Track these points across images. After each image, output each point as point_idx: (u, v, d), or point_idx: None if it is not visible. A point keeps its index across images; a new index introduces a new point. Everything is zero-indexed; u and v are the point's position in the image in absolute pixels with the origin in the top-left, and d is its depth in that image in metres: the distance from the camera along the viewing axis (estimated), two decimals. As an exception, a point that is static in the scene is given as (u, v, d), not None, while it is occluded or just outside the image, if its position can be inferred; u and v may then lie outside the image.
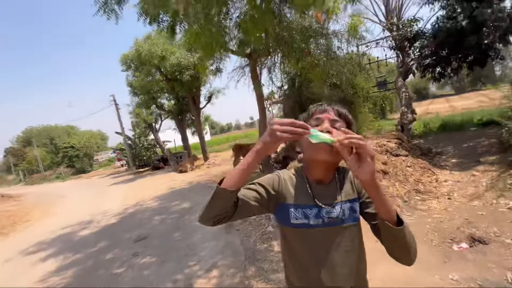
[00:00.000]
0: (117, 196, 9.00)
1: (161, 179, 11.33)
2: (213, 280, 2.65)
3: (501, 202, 3.22)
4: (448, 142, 7.29)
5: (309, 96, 8.88)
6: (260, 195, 0.81)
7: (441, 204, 3.51)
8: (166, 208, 5.96)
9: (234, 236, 3.72)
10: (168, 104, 16.80)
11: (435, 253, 2.50)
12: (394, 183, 4.12)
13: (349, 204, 0.81)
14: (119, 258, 3.63)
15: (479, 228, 2.75)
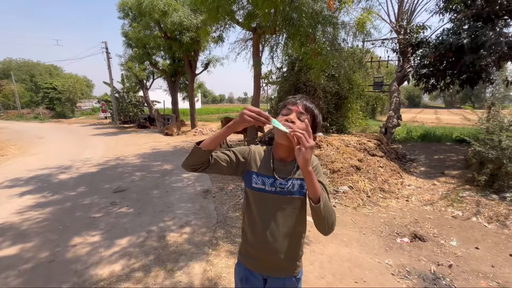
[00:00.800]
0: (98, 146, 8.98)
1: (146, 138, 11.32)
2: (185, 236, 2.93)
3: (449, 211, 3.67)
4: (423, 152, 7.79)
5: (305, 83, 9.00)
6: (230, 158, 1.04)
7: (398, 204, 3.93)
8: (147, 167, 6.11)
9: (209, 201, 3.99)
10: (163, 63, 16.20)
11: (381, 242, 2.89)
12: (364, 179, 4.48)
13: (299, 182, 1.01)
14: (97, 204, 3.82)
15: (423, 228, 3.18)
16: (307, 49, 6.46)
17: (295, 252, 1.07)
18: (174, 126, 12.79)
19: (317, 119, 1.01)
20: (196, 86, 17.46)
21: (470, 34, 6.26)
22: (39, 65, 38.16)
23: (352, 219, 3.43)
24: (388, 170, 5.13)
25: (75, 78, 29.87)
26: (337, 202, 3.94)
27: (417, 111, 35.44)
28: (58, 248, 2.66)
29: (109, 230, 3.04)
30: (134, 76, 15.98)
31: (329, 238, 2.94)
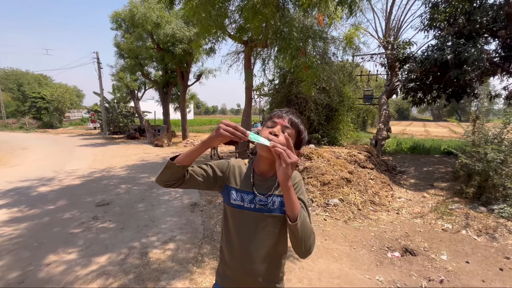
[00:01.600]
0: (84, 157, 8.75)
1: (135, 149, 11.13)
2: (168, 252, 2.80)
3: (438, 223, 3.67)
4: (413, 164, 7.90)
5: (297, 95, 9.13)
6: (207, 173, 1.00)
7: (389, 217, 3.91)
8: (134, 179, 5.95)
9: (196, 215, 3.87)
10: (155, 74, 16.27)
11: (371, 257, 2.83)
12: (354, 191, 4.46)
13: (280, 199, 0.96)
14: (77, 219, 3.65)
15: (413, 242, 3.14)
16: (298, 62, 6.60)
17: (275, 274, 1.01)
18: (165, 137, 12.64)
19: (302, 135, 0.98)
20: (189, 97, 17.48)
21: (454, 50, 6.53)
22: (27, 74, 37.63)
23: (343, 233, 3.37)
24: (378, 182, 5.14)
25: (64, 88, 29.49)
26: (328, 215, 3.89)
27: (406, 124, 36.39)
28: (30, 267, 2.49)
29: (88, 247, 2.88)
30: (125, 87, 15.90)
31: (319, 253, 2.86)
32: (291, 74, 9.19)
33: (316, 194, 4.39)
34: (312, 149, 5.88)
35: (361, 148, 6.76)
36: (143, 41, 12.07)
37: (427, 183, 5.63)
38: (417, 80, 8.25)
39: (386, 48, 9.54)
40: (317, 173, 4.77)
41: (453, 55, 6.44)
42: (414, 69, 8.09)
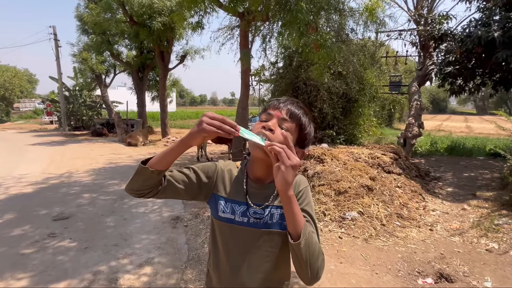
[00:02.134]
0: (38, 159, 8.76)
1: (102, 149, 11.14)
2: (144, 278, 2.82)
3: (482, 242, 3.70)
4: (450, 168, 7.94)
5: (306, 81, 9.15)
6: (189, 179, 0.99)
7: (420, 234, 3.94)
8: (101, 186, 5.97)
9: (179, 232, 3.89)
10: (128, 54, 16.25)
11: (398, 284, 2.86)
12: (377, 202, 4.49)
13: (280, 211, 0.95)
14: (29, 237, 3.66)
15: (450, 265, 3.17)
16: (308, 40, 6.60)
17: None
18: (140, 134, 12.65)
19: (306, 130, 0.97)
20: (170, 83, 17.50)
21: (502, 26, 6.56)
22: (-34, 54, 37.44)
23: (363, 254, 3.40)
24: (407, 191, 5.18)
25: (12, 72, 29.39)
26: (344, 232, 3.92)
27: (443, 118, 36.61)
28: (-31, 296, 2.50)
29: (43, 271, 2.90)
30: (89, 70, 15.89)
31: (332, 279, 2.89)
32: (298, 55, 9.23)
33: (329, 206, 4.42)
34: (325, 149, 5.90)
35: (386, 148, 6.80)
36: (112, 12, 12.02)
37: (468, 192, 5.67)
38: (457, 63, 8.28)
39: (418, 23, 9.58)
40: (331, 180, 4.79)
41: (501, 32, 6.47)
42: (453, 49, 8.13)
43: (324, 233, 3.91)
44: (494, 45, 6.66)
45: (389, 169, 5.63)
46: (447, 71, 8.62)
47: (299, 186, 1.00)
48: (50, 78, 17.67)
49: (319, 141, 8.78)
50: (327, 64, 7.81)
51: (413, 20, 9.85)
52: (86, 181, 6.35)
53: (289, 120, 0.93)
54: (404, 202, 4.75)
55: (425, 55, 9.69)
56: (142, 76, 15.94)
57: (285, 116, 0.93)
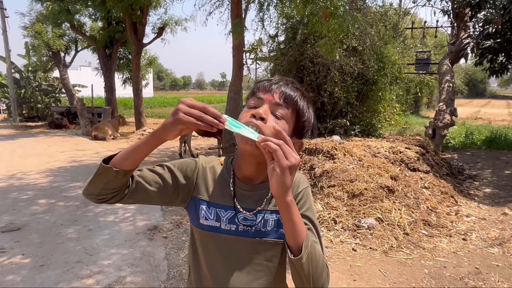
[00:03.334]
0: (-18, 158, 8.71)
1: (62, 144, 11.11)
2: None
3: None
4: (489, 164, 8.01)
5: (313, 59, 9.12)
6: (163, 180, 0.96)
7: (451, 245, 3.98)
8: (60, 190, 5.98)
9: (157, 245, 3.90)
10: (92, 25, 16.09)
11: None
12: (399, 206, 4.53)
13: (276, 216, 0.95)
14: (-29, 252, 3.66)
15: (487, 282, 3.22)
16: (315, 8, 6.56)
17: None
18: (108, 124, 12.61)
19: (305, 116, 0.96)
20: (145, 63, 17.39)
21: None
22: None
23: (382, 269, 3.43)
24: (436, 192, 5.23)
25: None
26: (359, 243, 3.95)
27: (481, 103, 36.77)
28: None
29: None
30: (45, 47, 15.71)
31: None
32: (303, 26, 9.19)
33: (341, 212, 4.45)
34: (336, 142, 5.91)
35: (411, 141, 6.83)
36: (71, -27, 11.90)
37: (510, 194, 5.72)
38: (498, 35, 8.29)
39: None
40: (344, 180, 4.82)
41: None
42: (494, 18, 8.13)
43: (335, 244, 3.94)
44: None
45: (415, 166, 5.66)
46: (486, 46, 8.64)
47: (298, 187, 1.00)
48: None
49: (329, 133, 8.81)
50: (339, 38, 7.78)
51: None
52: (42, 184, 6.34)
53: (284, 105, 0.91)
54: (433, 206, 4.80)
55: (460, 25, 9.68)
56: (110, 53, 15.83)
57: (279, 101, 0.90)
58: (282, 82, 0.94)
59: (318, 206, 4.57)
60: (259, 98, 0.92)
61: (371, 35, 9.16)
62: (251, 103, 0.93)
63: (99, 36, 15.08)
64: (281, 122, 0.88)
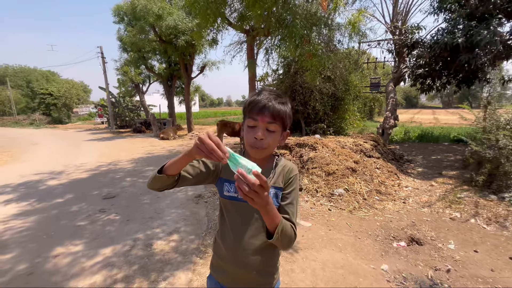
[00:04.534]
0: (92, 152, 8.87)
1: (141, 142, 11.22)
2: (172, 243, 2.82)
3: (446, 212, 3.58)
4: (420, 152, 7.72)
5: (302, 84, 8.96)
6: (199, 170, 0.96)
7: (395, 206, 3.84)
8: (139, 172, 6.00)
9: (201, 207, 3.88)
10: (159, 67, 16.17)
11: (376, 246, 2.79)
12: (360, 181, 4.39)
13: (274, 190, 0.93)
14: (84, 212, 3.71)
15: (420, 231, 3.08)
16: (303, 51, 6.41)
17: (270, 266, 0.99)
18: (170, 130, 12.69)
19: (288, 119, 0.92)
20: (193, 89, 17.44)
21: (465, 33, 6.23)
22: (35, 71, 38.07)
23: (348, 222, 3.33)
24: (385, 171, 5.05)
25: (70, 83, 29.80)
26: (332, 205, 3.85)
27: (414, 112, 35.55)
28: (38, 259, 2.55)
29: (94, 239, 2.93)
30: (130, 81, 15.90)
31: (322, 243, 2.84)
32: (295, 63, 9.02)
33: (321, 184, 4.35)
34: (317, 139, 5.78)
35: (367, 137, 6.63)
36: (145, 33, 11.97)
37: (435, 172, 5.49)
38: (426, 66, 7.95)
39: (394, 33, 9.20)
40: (322, 163, 4.70)
41: (464, 39, 6.15)
42: (423, 54, 7.79)
43: (316, 206, 3.85)
44: (458, 50, 6.36)
45: (370, 154, 5.49)
46: (418, 73, 8.29)
47: (290, 173, 0.97)
48: (99, 88, 17.79)
49: (313, 133, 8.64)
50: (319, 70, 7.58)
51: (390, 31, 9.46)
52: (128, 168, 6.41)
53: (274, 122, 0.87)
54: (382, 180, 4.63)
55: (400, 60, 9.32)
56: (170, 84, 15.90)
57: (270, 120, 0.86)
58: (271, 99, 0.87)
59: (305, 181, 4.48)
60: (255, 120, 0.87)
61: (340, 68, 8.95)
62: (250, 124, 0.89)
63: (163, 73, 15.16)
64: (274, 134, 0.88)
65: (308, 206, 3.84)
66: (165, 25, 10.68)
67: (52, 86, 28.27)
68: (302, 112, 9.06)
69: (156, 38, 11.96)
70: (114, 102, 17.98)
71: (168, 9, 10.77)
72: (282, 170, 0.97)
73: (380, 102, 21.68)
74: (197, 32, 7.56)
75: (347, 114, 10.18)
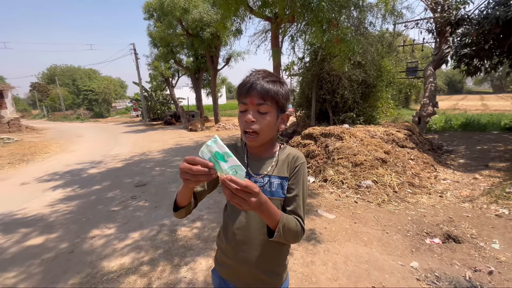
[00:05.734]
0: (127, 143, 9.50)
1: (171, 134, 11.72)
2: (195, 230, 2.91)
3: (492, 208, 3.20)
4: (463, 142, 6.99)
5: (329, 72, 8.55)
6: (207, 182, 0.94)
7: (430, 200, 3.52)
8: (168, 162, 6.28)
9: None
10: (187, 60, 16.58)
11: (406, 242, 2.60)
12: (390, 172, 4.11)
13: (279, 180, 0.87)
14: (118, 198, 3.99)
15: (458, 228, 2.80)
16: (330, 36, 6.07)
17: (275, 264, 0.92)
18: (198, 122, 13.07)
19: (282, 99, 0.82)
20: (219, 81, 17.65)
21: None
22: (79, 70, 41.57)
23: (375, 216, 3.14)
24: (419, 162, 4.67)
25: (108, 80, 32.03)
26: (359, 197, 3.66)
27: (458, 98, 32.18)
28: (77, 239, 2.81)
29: (125, 223, 3.14)
30: (160, 75, 16.56)
31: (346, 236, 2.72)
32: (322, 50, 8.59)
33: (347, 176, 4.15)
34: (344, 128, 5.50)
35: (400, 126, 6.15)
36: (173, 28, 12.27)
37: (480, 163, 4.93)
38: (473, 44, 7.06)
39: (435, 10, 8.28)
40: (349, 154, 4.48)
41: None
42: (470, 32, 6.93)
43: (342, 198, 3.69)
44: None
45: (403, 144, 5.10)
46: (463, 53, 7.41)
47: (295, 161, 0.89)
48: (133, 83, 18.84)
49: (341, 122, 8.24)
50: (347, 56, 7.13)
51: (430, 8, 8.53)
52: (158, 158, 6.73)
53: (264, 102, 0.79)
54: (416, 172, 4.29)
55: (441, 40, 8.39)
56: (198, 77, 16.24)
57: (259, 101, 0.79)
58: (258, 81, 0.79)
59: (330, 172, 4.31)
60: (244, 103, 0.81)
61: (371, 52, 8.30)
62: (241, 108, 0.83)
63: (191, 67, 15.53)
64: (267, 116, 0.80)
65: (333, 198, 3.70)
66: (191, 18, 10.84)
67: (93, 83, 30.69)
68: (329, 101, 8.68)
69: (183, 31, 12.22)
70: (147, 96, 18.92)
71: (193, 2, 10.89)
72: (286, 158, 0.90)
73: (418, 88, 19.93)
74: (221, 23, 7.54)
75: (380, 102, 9.53)
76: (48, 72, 40.41)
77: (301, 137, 5.59)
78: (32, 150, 8.73)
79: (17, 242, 2.78)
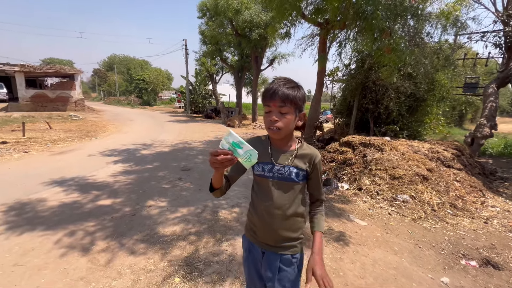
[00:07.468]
0: (172, 131, 10.39)
1: (210, 127, 12.44)
2: (234, 214, 3.25)
3: (544, 243, 2.99)
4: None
5: (375, 81, 8.36)
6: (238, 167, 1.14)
7: (473, 225, 3.40)
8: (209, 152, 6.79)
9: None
10: (232, 59, 17.34)
11: (439, 259, 2.61)
12: (431, 190, 4.01)
13: (296, 170, 1.11)
14: (167, 178, 4.55)
15: (500, 256, 2.70)
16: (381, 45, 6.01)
17: (291, 231, 1.15)
18: (236, 118, 13.65)
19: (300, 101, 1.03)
20: (261, 81, 18.10)
21: None
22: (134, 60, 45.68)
23: (409, 230, 3.16)
24: (466, 185, 4.43)
25: (158, 71, 34.66)
26: (394, 210, 3.67)
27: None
28: (137, 206, 3.34)
29: (175, 199, 3.62)
30: (205, 71, 17.56)
31: (377, 243, 2.81)
32: (370, 58, 8.43)
33: (383, 187, 4.16)
34: (385, 140, 5.43)
35: (448, 145, 5.84)
36: (223, 27, 13.00)
37: (540, 196, 4.50)
38: (548, 64, 6.36)
39: (506, 23, 7.60)
40: (388, 166, 4.46)
41: None
42: (546, 50, 6.25)
43: (376, 208, 3.74)
44: None
45: (449, 164, 4.86)
46: (534, 73, 6.71)
47: (315, 158, 1.14)
48: (181, 76, 20.26)
49: (382, 134, 8.01)
50: (397, 66, 6.94)
51: (501, 20, 7.84)
52: (200, 148, 7.32)
53: (285, 105, 1.01)
54: (461, 194, 4.10)
55: (510, 56, 7.67)
56: (240, 75, 16.88)
57: (281, 104, 1.00)
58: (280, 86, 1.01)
59: (366, 181, 4.35)
60: (268, 106, 1.04)
61: (425, 64, 7.90)
62: (266, 110, 1.05)
63: (235, 65, 16.21)
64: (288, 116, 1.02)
65: (366, 207, 3.76)
66: (241, 19, 11.39)
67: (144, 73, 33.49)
68: (372, 111, 8.47)
69: (233, 32, 12.86)
70: (191, 89, 20.16)
71: (246, 3, 11.42)
72: (306, 155, 1.13)
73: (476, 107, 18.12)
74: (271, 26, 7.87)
75: (428, 117, 9.00)
76: (108, 60, 45.10)
77: (339, 144, 5.65)
78: (94, 128, 10.05)
79: (91, 201, 3.41)
